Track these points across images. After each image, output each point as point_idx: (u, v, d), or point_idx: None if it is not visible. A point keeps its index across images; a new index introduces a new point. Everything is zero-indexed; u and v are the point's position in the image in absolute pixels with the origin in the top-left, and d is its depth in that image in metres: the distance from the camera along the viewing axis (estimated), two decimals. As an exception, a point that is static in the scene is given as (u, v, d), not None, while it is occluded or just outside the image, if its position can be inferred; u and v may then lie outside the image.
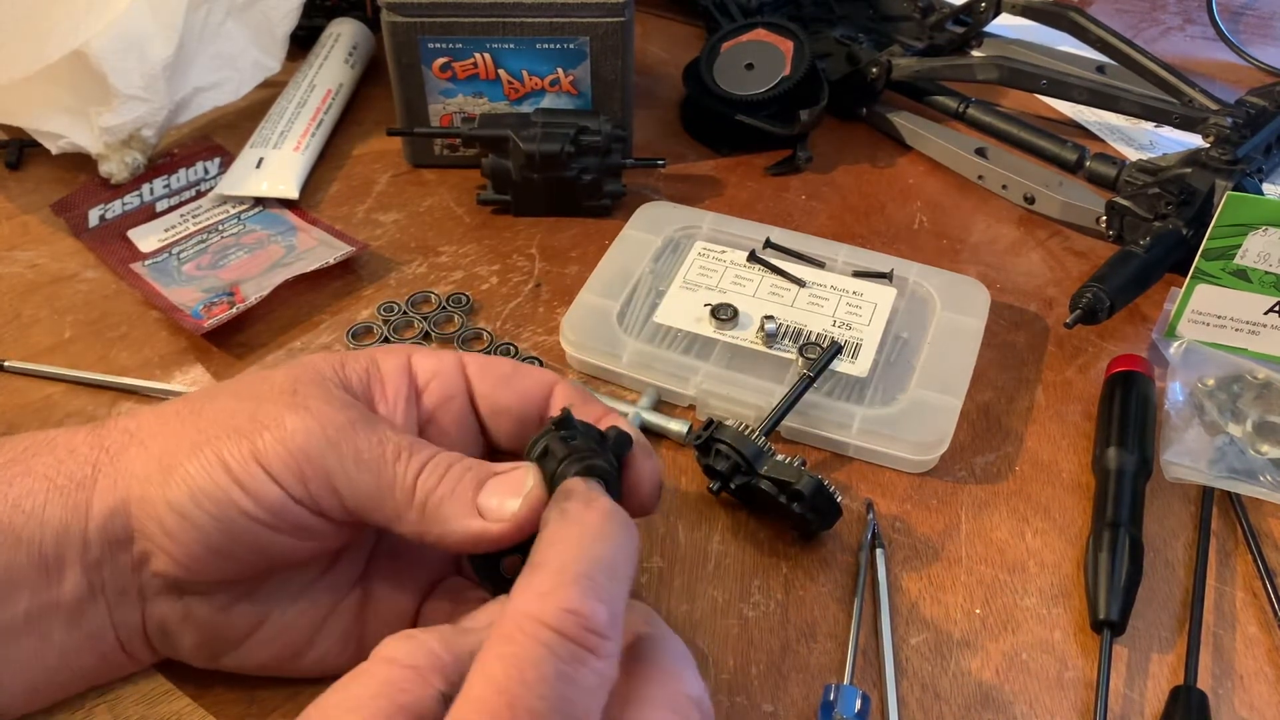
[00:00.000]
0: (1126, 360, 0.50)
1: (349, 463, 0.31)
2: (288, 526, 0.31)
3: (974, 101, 0.67)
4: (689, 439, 0.46)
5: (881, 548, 0.43)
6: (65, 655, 0.33)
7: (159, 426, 0.33)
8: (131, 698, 0.36)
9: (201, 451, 0.31)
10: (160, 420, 0.33)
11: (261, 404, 0.32)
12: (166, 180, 0.61)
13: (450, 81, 0.60)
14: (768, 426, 0.44)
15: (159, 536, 0.31)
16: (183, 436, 0.32)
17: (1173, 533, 0.45)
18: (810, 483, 0.41)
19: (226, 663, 0.35)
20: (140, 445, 0.32)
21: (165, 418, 0.33)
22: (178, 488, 0.31)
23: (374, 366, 0.35)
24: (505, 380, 0.36)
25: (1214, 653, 0.40)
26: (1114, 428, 0.47)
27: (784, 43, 0.65)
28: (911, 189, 0.65)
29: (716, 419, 0.43)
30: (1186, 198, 0.54)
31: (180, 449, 0.31)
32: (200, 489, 0.30)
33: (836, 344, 0.48)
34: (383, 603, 0.36)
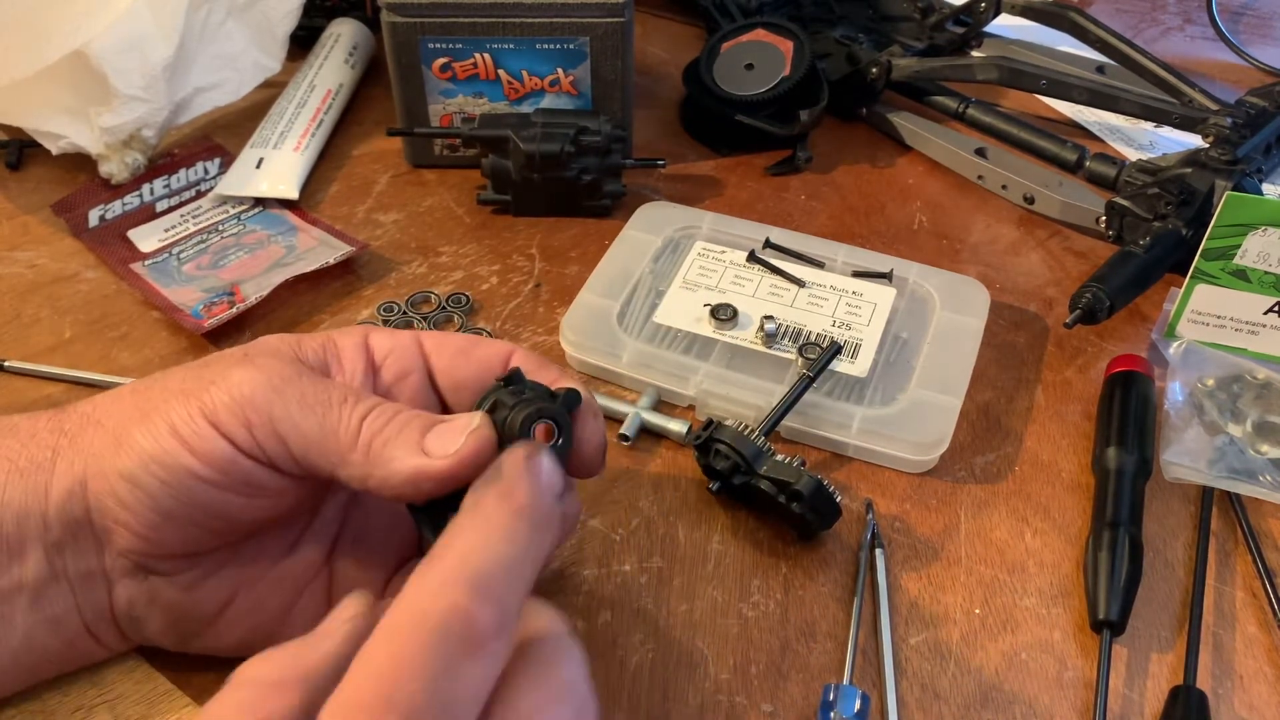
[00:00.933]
0: (1126, 360, 0.50)
1: (294, 407, 0.31)
2: (237, 483, 0.31)
3: (974, 101, 0.67)
4: (689, 439, 0.46)
5: (881, 548, 0.43)
6: (29, 639, 0.33)
7: (113, 405, 0.33)
8: (131, 698, 0.36)
9: (150, 419, 0.31)
10: (115, 399, 0.34)
11: (210, 366, 0.33)
12: (166, 180, 0.61)
13: (450, 82, 0.60)
14: (767, 426, 0.44)
15: (115, 510, 0.32)
16: (134, 409, 0.32)
17: (1173, 533, 0.45)
18: (810, 483, 0.41)
19: (198, 645, 0.35)
20: (96, 424, 0.33)
21: (120, 396, 0.34)
22: (128, 457, 0.31)
23: (330, 344, 0.36)
24: (462, 353, 0.36)
25: (1214, 653, 0.40)
26: (1114, 427, 0.47)
27: (784, 43, 0.65)
28: (911, 189, 0.65)
29: (716, 419, 0.43)
30: (1186, 198, 0.54)
31: (131, 420, 0.32)
32: (149, 455, 0.31)
33: (836, 344, 0.48)
34: (349, 583, 0.36)
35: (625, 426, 0.47)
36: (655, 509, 0.44)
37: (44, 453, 0.32)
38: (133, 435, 0.31)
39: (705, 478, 0.45)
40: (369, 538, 0.37)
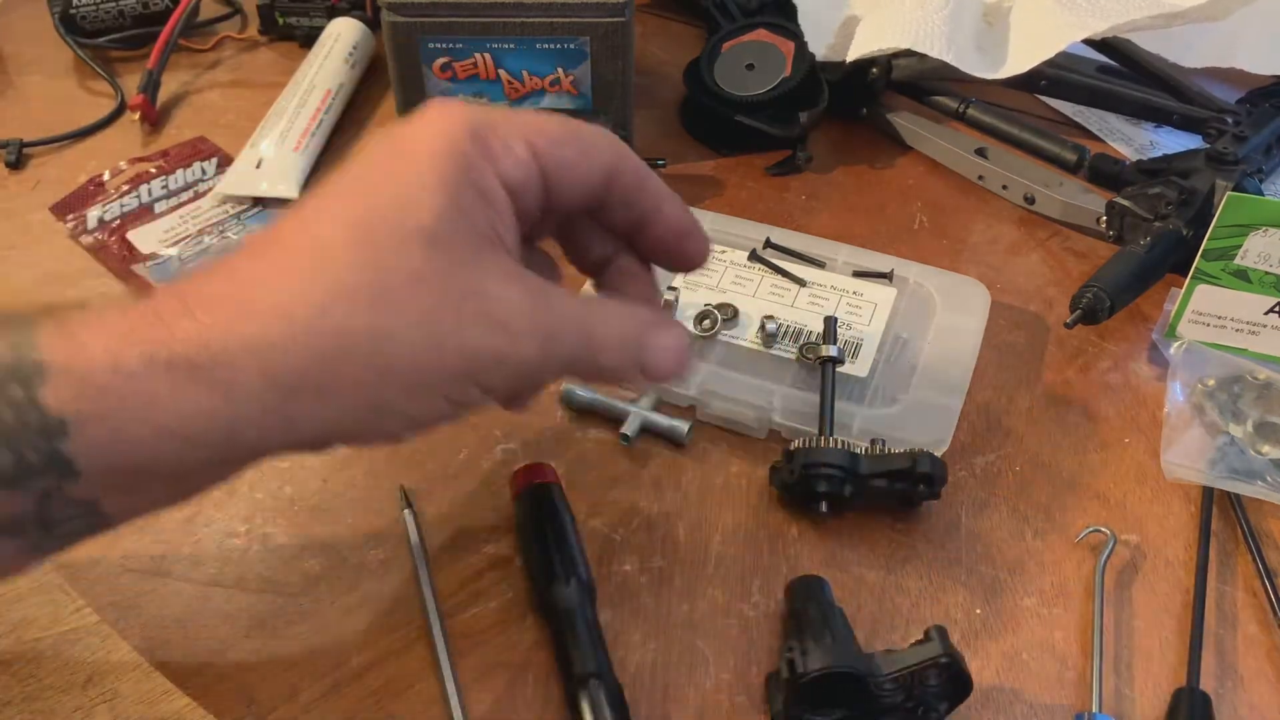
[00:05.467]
0: (533, 471, 0.44)
1: (550, 358, 0.33)
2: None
3: (974, 101, 0.67)
4: (778, 479, 0.45)
5: (882, 548, 0.43)
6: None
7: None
8: (131, 698, 0.36)
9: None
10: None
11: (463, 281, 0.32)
12: (164, 181, 0.61)
13: (450, 81, 0.60)
14: (829, 427, 0.45)
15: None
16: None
17: (1173, 533, 0.45)
18: (927, 459, 0.42)
19: None
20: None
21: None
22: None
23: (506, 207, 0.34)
24: (571, 165, 0.35)
25: (1215, 653, 0.40)
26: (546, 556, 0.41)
27: (785, 43, 0.65)
28: (911, 189, 0.65)
29: (790, 448, 0.44)
30: (1187, 198, 0.54)
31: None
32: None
33: (832, 316, 0.48)
34: None
35: (626, 426, 0.47)
36: (655, 509, 0.44)
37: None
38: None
39: (800, 504, 0.44)
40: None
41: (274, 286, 0.29)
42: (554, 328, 0.32)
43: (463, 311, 0.31)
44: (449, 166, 0.31)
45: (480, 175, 0.32)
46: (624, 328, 0.34)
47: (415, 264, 0.30)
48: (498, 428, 0.47)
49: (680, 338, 0.35)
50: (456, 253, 0.31)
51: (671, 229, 0.37)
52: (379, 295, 0.30)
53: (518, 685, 0.38)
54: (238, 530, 0.42)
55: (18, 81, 0.70)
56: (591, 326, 0.33)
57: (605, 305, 0.35)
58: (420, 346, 0.30)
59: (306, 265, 0.30)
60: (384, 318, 0.30)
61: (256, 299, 0.29)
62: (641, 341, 0.35)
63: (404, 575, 0.41)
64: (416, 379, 0.31)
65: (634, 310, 0.36)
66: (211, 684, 0.37)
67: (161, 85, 0.68)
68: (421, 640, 0.39)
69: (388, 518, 0.43)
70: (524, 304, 0.32)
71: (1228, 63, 0.69)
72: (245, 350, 0.28)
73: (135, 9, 0.72)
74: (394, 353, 0.30)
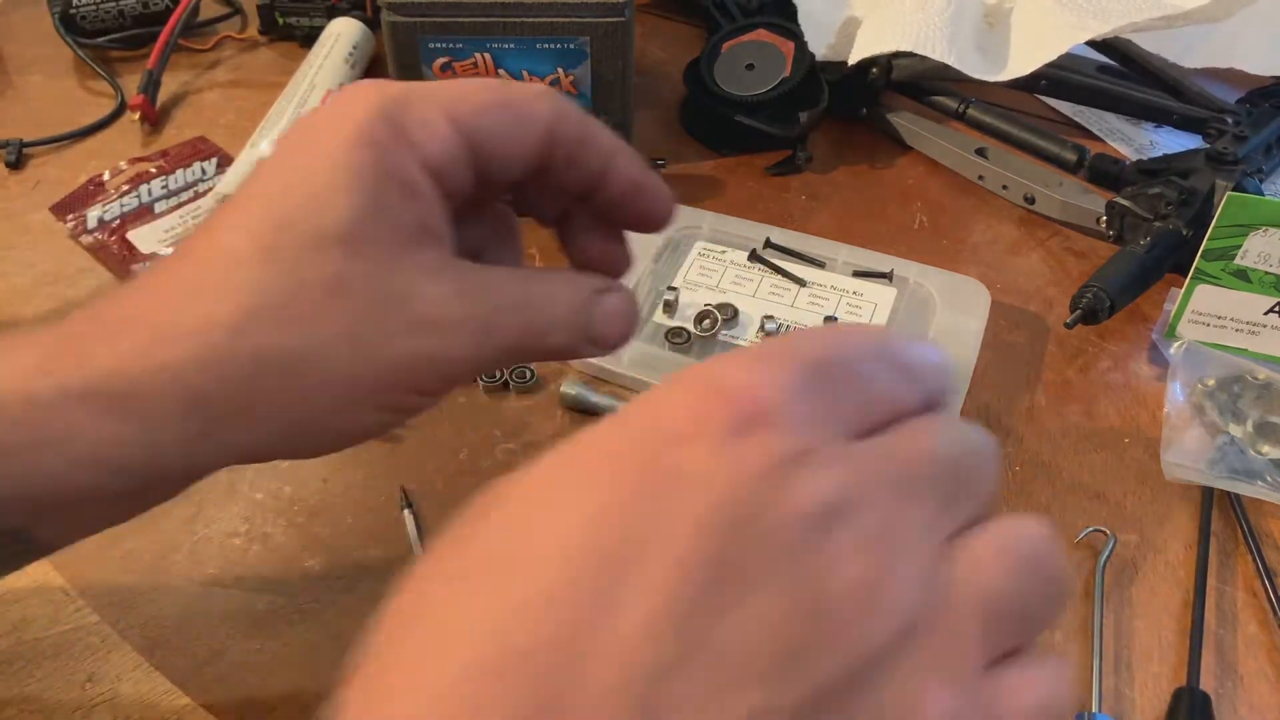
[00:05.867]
0: None
1: (489, 349, 0.31)
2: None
3: (974, 101, 0.67)
4: None
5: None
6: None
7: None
8: (131, 697, 0.36)
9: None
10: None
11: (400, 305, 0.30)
12: (164, 181, 0.61)
13: (450, 81, 0.60)
14: None
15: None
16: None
17: (1173, 533, 0.45)
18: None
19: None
20: None
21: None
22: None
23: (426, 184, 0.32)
24: (503, 134, 0.32)
25: (1215, 653, 0.40)
26: None
27: (785, 43, 0.65)
28: (911, 189, 0.65)
29: None
30: (1187, 198, 0.54)
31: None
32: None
33: (832, 317, 0.48)
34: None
35: (625, 426, 0.47)
36: (656, 509, 0.44)
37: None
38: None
39: None
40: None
41: (186, 308, 0.28)
42: (490, 320, 0.30)
43: (389, 318, 0.29)
44: (362, 158, 0.29)
45: (397, 163, 0.30)
46: (569, 301, 0.32)
47: (332, 272, 0.28)
48: (498, 428, 0.47)
49: (626, 301, 0.33)
50: (377, 254, 0.29)
51: (626, 186, 0.34)
52: (296, 310, 0.28)
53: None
54: (238, 530, 0.42)
55: (18, 81, 0.70)
56: (534, 310, 0.31)
57: (547, 281, 0.33)
58: (346, 361, 0.28)
59: (218, 282, 0.28)
60: (303, 334, 0.28)
61: (169, 322, 0.28)
62: (588, 312, 0.33)
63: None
64: (345, 395, 0.29)
65: (576, 281, 0.33)
66: (211, 684, 0.37)
67: (161, 85, 0.68)
68: (421, 640, 0.39)
69: (388, 518, 0.43)
70: (455, 299, 0.30)
71: (1228, 63, 0.69)
72: (160, 377, 0.27)
73: (135, 9, 0.72)
74: (317, 370, 0.28)
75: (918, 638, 0.20)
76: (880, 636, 0.19)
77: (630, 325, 0.34)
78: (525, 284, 0.32)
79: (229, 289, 0.28)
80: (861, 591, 0.19)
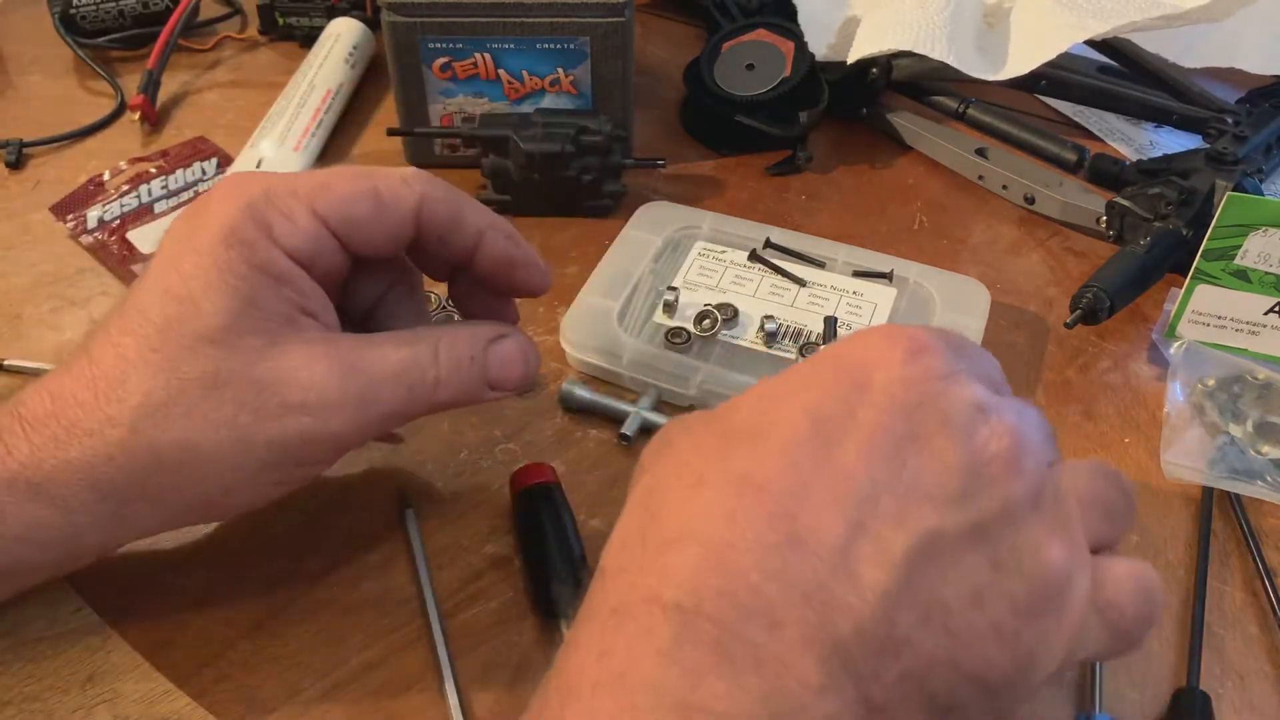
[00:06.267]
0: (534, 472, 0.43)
1: (372, 418, 0.34)
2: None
3: (974, 101, 0.67)
4: None
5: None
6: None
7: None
8: (131, 697, 0.36)
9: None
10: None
11: (269, 386, 0.33)
12: (164, 181, 0.61)
13: (450, 81, 0.60)
14: None
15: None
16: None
17: (1173, 533, 0.45)
18: None
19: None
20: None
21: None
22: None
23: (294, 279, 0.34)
24: (366, 226, 0.35)
25: (1215, 653, 0.40)
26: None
27: (785, 43, 0.65)
28: (911, 189, 0.65)
29: None
30: (1187, 198, 0.54)
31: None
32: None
33: (832, 317, 0.47)
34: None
35: (626, 426, 0.47)
36: (656, 509, 0.44)
37: None
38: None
39: None
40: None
41: (90, 406, 0.32)
42: (366, 392, 0.33)
43: (262, 406, 0.32)
44: (231, 257, 0.32)
45: (265, 257, 0.33)
46: (460, 353, 0.35)
47: (209, 369, 0.32)
48: (498, 428, 0.47)
49: (519, 345, 0.37)
50: (248, 347, 0.32)
51: (498, 260, 0.38)
52: (178, 407, 0.32)
53: (518, 685, 0.38)
54: (238, 530, 0.42)
55: (18, 81, 0.70)
56: (418, 371, 0.34)
57: (435, 337, 0.35)
58: (228, 449, 0.32)
59: (114, 383, 0.32)
60: (187, 429, 0.32)
61: (76, 420, 0.32)
62: (483, 360, 0.36)
63: (404, 575, 0.41)
64: (231, 478, 0.33)
65: (470, 330, 0.36)
66: (211, 684, 0.37)
67: (161, 85, 0.68)
68: (421, 640, 0.39)
69: (388, 518, 0.43)
70: (329, 378, 0.33)
71: (1228, 63, 0.69)
72: (72, 470, 0.31)
73: (135, 9, 0.72)
74: (203, 459, 0.32)
75: (1042, 506, 0.27)
76: (1020, 493, 0.27)
77: (528, 368, 0.37)
78: (411, 347, 0.35)
79: (123, 389, 0.32)
80: (1010, 458, 0.27)
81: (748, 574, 0.25)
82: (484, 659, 0.38)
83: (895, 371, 0.28)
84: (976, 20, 0.65)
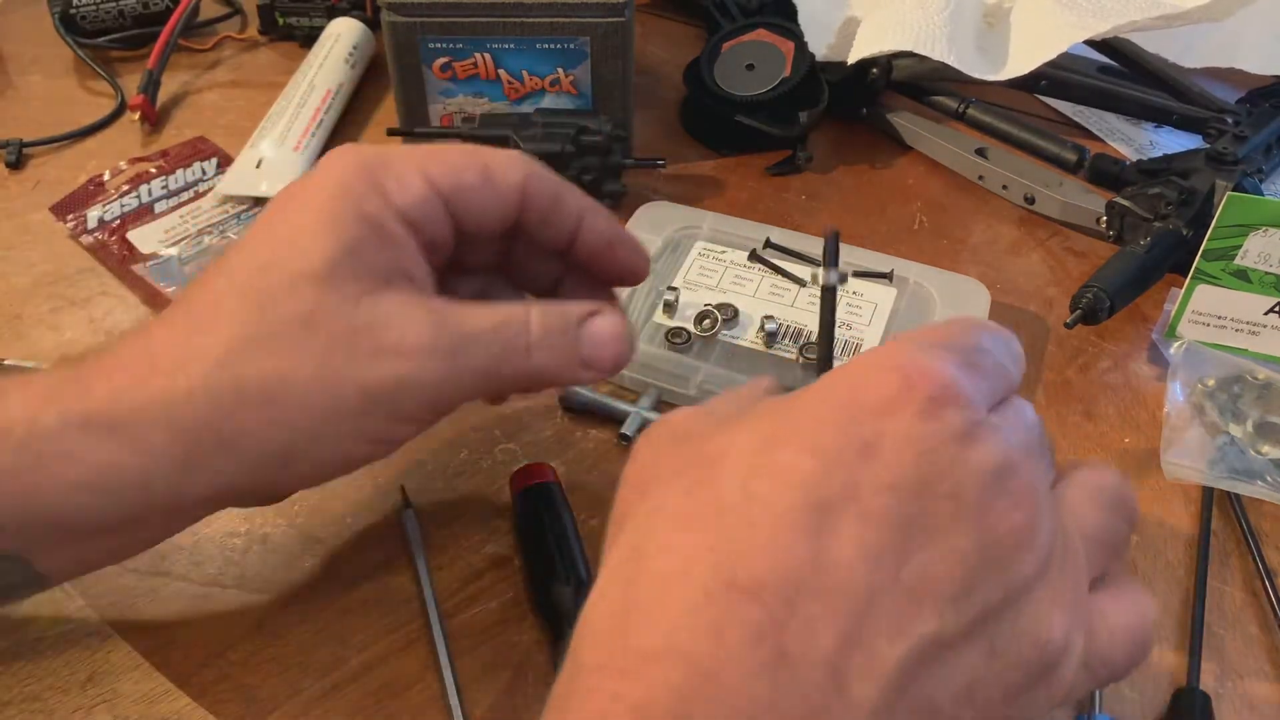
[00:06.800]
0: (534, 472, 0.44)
1: (464, 373, 0.33)
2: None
3: (974, 101, 0.67)
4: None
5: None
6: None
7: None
8: (131, 697, 0.36)
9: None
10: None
11: (354, 357, 0.32)
12: (164, 181, 0.61)
13: (450, 81, 0.60)
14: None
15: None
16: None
17: (1173, 533, 0.45)
18: None
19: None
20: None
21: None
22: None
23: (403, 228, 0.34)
24: (476, 191, 0.35)
25: (1215, 653, 0.40)
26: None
27: (785, 43, 0.65)
28: (911, 189, 0.65)
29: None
30: (1187, 198, 0.54)
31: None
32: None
33: (834, 232, 0.42)
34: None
35: (626, 426, 0.47)
36: (656, 509, 0.44)
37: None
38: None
39: None
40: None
41: (178, 344, 0.31)
42: (460, 342, 0.33)
43: (355, 347, 0.31)
44: (339, 206, 0.32)
45: (373, 211, 0.32)
46: (552, 323, 0.34)
47: (305, 308, 0.31)
48: (498, 428, 0.47)
49: (618, 324, 0.35)
50: (348, 291, 0.31)
51: (598, 241, 0.37)
52: (270, 342, 0.31)
53: (518, 685, 0.38)
54: (238, 530, 0.42)
55: (18, 81, 0.70)
56: (511, 331, 0.34)
57: (532, 307, 0.35)
58: (317, 390, 0.31)
59: (205, 321, 0.31)
60: (277, 363, 0.31)
61: (162, 356, 0.31)
62: (577, 334, 0.35)
63: (404, 575, 0.41)
64: (321, 420, 0.32)
65: (565, 306, 0.35)
66: (211, 684, 0.37)
67: (161, 85, 0.68)
68: (421, 640, 0.39)
69: (388, 518, 0.43)
70: (424, 326, 0.32)
71: (1228, 63, 0.69)
72: (152, 405, 0.30)
73: (135, 9, 0.72)
74: (290, 397, 0.31)
75: (1048, 573, 0.25)
76: (1030, 568, 0.25)
77: (624, 347, 0.36)
78: (505, 310, 0.34)
79: (214, 326, 0.31)
80: (1023, 534, 0.24)
81: (736, 702, 0.22)
82: (484, 659, 0.38)
83: (909, 428, 0.24)
84: (977, 20, 0.65)
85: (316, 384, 0.31)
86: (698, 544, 0.24)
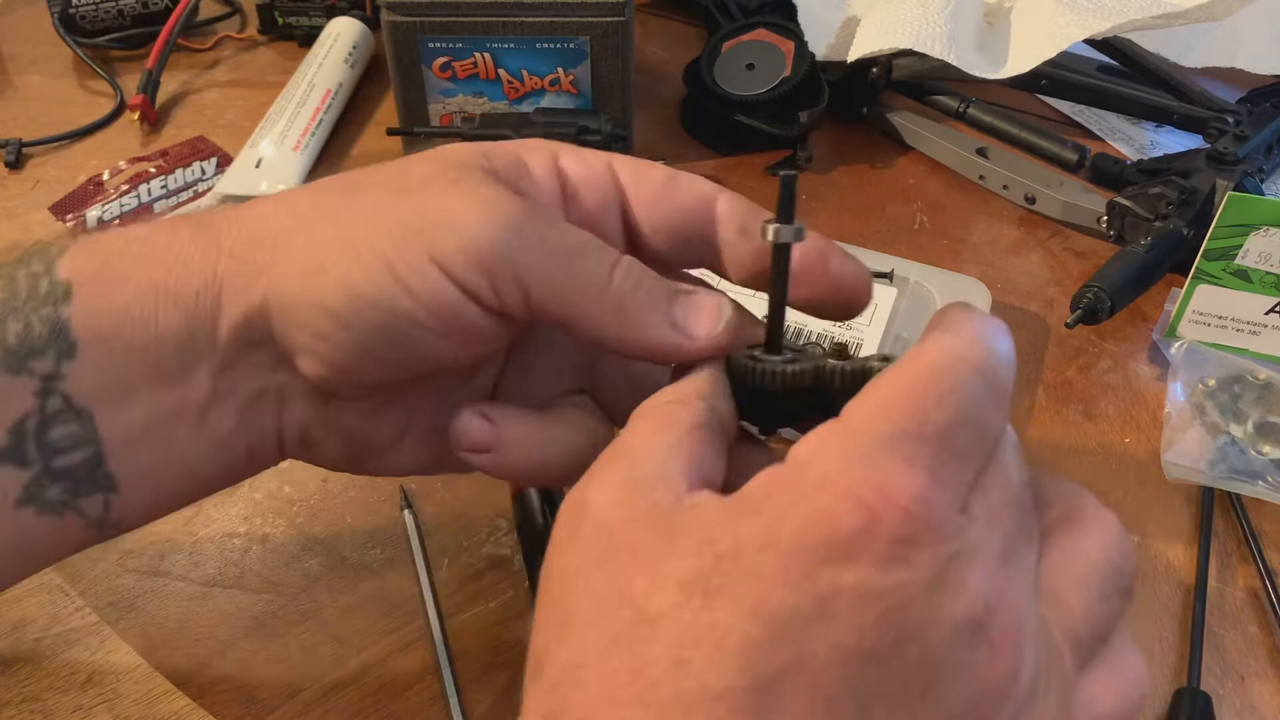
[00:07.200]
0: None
1: (537, 253, 0.28)
2: (455, 330, 0.29)
3: (974, 101, 0.67)
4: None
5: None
6: (186, 463, 0.30)
7: (291, 224, 0.30)
8: (131, 697, 0.36)
9: (358, 252, 0.28)
10: (289, 214, 0.30)
11: (421, 198, 0.29)
12: (164, 181, 0.61)
13: (450, 81, 0.60)
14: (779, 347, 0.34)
15: (308, 340, 0.29)
16: (331, 237, 0.29)
17: (1174, 533, 0.45)
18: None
19: (370, 468, 0.33)
20: (272, 247, 0.29)
21: (299, 215, 0.30)
22: (332, 293, 0.28)
23: (520, 163, 0.32)
24: (662, 191, 0.33)
25: (1215, 653, 0.40)
26: None
27: (785, 43, 0.64)
28: (911, 189, 0.65)
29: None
30: (1187, 198, 0.54)
31: (330, 249, 0.28)
32: (361, 295, 0.28)
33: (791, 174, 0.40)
34: (514, 409, 0.34)
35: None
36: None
37: (204, 278, 0.29)
38: (335, 267, 0.28)
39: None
40: (534, 369, 0.34)
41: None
42: (523, 249, 0.29)
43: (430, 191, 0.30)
44: (510, 147, 0.32)
45: (528, 156, 0.32)
46: (640, 271, 0.30)
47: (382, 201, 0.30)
48: (498, 428, 0.47)
49: (712, 296, 0.31)
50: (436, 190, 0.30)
51: (808, 255, 0.33)
52: (354, 180, 0.31)
53: (518, 685, 0.38)
54: (238, 530, 0.42)
55: (17, 81, 0.70)
56: (594, 258, 0.29)
57: (620, 254, 0.31)
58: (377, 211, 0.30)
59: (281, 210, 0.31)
60: (354, 191, 0.31)
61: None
62: (672, 290, 0.30)
63: (404, 575, 0.41)
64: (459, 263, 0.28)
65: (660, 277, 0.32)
66: (211, 684, 0.37)
67: (161, 85, 0.68)
68: (421, 640, 0.39)
69: (388, 518, 0.43)
70: (493, 214, 0.29)
71: (1228, 63, 0.69)
72: (239, 213, 0.30)
73: (135, 9, 0.72)
74: (359, 212, 0.30)
75: (1035, 702, 0.22)
76: (1009, 713, 0.21)
77: (718, 317, 0.31)
78: (596, 239, 0.31)
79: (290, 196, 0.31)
80: (1005, 684, 0.21)
81: None
82: (484, 659, 0.38)
83: (870, 581, 0.20)
84: (977, 19, 0.64)
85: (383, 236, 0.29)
86: (630, 669, 0.21)
